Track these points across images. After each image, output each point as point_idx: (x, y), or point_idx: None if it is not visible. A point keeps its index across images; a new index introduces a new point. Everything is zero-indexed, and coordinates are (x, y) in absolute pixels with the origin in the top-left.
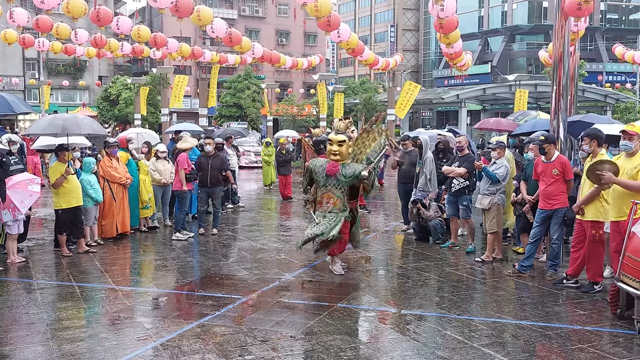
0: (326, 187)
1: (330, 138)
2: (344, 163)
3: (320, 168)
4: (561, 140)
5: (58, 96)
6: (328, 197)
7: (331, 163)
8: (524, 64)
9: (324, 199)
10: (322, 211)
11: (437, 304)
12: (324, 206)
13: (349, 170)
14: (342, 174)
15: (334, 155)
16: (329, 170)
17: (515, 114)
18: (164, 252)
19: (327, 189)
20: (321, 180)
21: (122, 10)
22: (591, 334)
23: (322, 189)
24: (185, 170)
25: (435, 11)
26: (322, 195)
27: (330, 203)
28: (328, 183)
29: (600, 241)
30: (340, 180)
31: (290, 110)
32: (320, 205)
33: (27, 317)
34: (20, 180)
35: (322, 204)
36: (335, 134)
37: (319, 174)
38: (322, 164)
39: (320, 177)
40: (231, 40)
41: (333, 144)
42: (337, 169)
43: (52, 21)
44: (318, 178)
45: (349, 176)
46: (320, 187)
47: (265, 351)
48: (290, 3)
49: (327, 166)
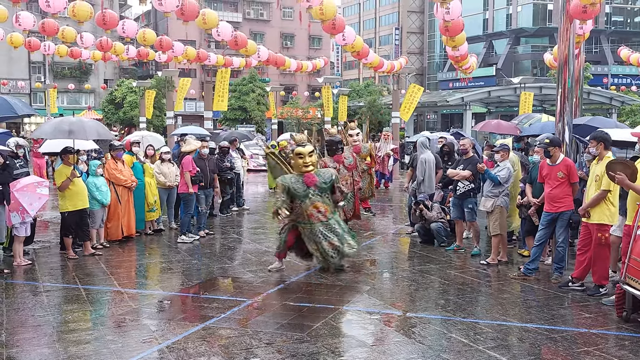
0: (310, 199)
1: (301, 152)
2: (316, 172)
3: (298, 183)
4: (566, 143)
5: (63, 99)
6: (316, 206)
7: (308, 175)
8: (529, 66)
9: (313, 210)
10: (321, 222)
11: (443, 306)
12: (316, 217)
13: (326, 176)
14: (322, 182)
15: (306, 167)
16: (309, 182)
17: (520, 117)
18: (169, 254)
19: (311, 199)
20: (302, 195)
21: (128, 14)
22: (597, 337)
23: (306, 202)
24: (191, 172)
25: (441, 14)
26: (309, 207)
27: (323, 210)
28: (310, 193)
29: (606, 244)
30: (322, 187)
31: (295, 113)
32: (312, 218)
33: (33, 319)
34: (28, 183)
35: (314, 216)
36: (303, 147)
37: (298, 189)
38: (296, 179)
39: (301, 191)
40: (236, 44)
41: (304, 156)
42: (316, 179)
43: (58, 25)
44: (298, 193)
45: (328, 180)
46: (304, 201)
47: (271, 354)
48: (295, 6)
49: (303, 179)
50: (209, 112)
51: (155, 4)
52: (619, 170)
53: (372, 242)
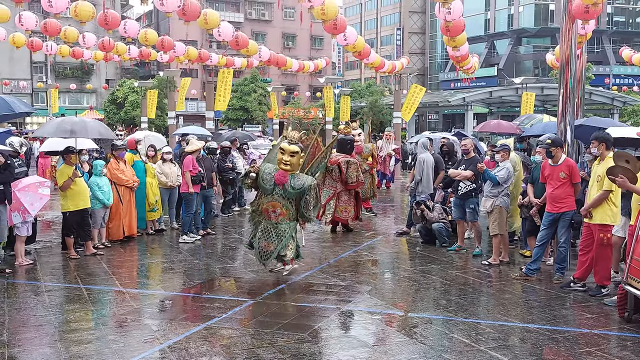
0: (272, 196)
1: (283, 147)
2: (293, 174)
3: (269, 175)
4: (568, 143)
5: (65, 99)
6: (274, 205)
7: (280, 172)
8: (531, 66)
9: (269, 207)
10: (271, 222)
11: (444, 307)
12: (271, 215)
13: (298, 182)
14: (290, 185)
15: (284, 165)
16: (278, 180)
17: (521, 117)
18: (170, 254)
19: (274, 197)
20: (268, 188)
21: (130, 14)
22: (599, 337)
23: (267, 197)
24: (191, 172)
25: (442, 14)
26: (267, 203)
27: (278, 213)
28: (275, 192)
29: (608, 245)
30: (288, 190)
31: (297, 113)
32: (266, 214)
33: (35, 319)
34: (30, 182)
35: (269, 213)
36: (289, 144)
37: (266, 181)
38: (270, 171)
39: (268, 184)
40: (238, 44)
41: (285, 154)
42: (286, 179)
43: (60, 25)
44: (264, 185)
45: (297, 188)
46: (267, 195)
47: (272, 354)
48: (297, 6)
49: (275, 175)
50: (210, 112)
51: (157, 4)
52: (620, 173)
53: (374, 242)
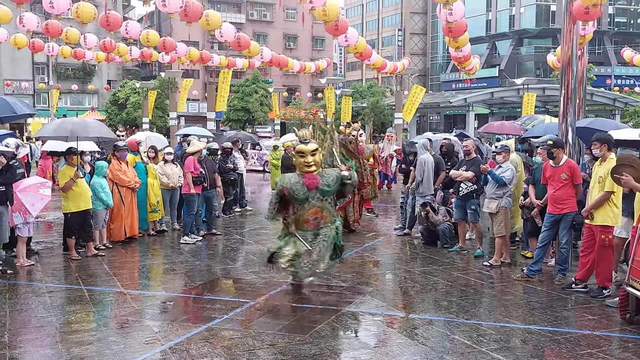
0: (310, 203)
1: (302, 150)
2: (320, 172)
3: (298, 184)
4: (570, 144)
5: (67, 100)
6: (314, 212)
7: (309, 176)
8: (532, 67)
9: (309, 215)
10: (312, 230)
11: (446, 308)
12: (312, 223)
13: (330, 177)
14: (324, 184)
15: (308, 167)
16: (310, 185)
17: (522, 118)
18: (172, 255)
19: (311, 204)
20: (302, 198)
21: (131, 15)
22: (600, 339)
23: (305, 207)
24: (193, 173)
25: (444, 15)
26: (306, 212)
27: (319, 218)
28: (311, 198)
29: (609, 246)
30: (325, 190)
31: (298, 114)
32: (307, 224)
33: (36, 320)
34: (31, 183)
35: (310, 222)
36: (306, 144)
37: (298, 191)
38: (297, 180)
39: (301, 194)
40: (239, 45)
41: (306, 155)
42: (317, 181)
43: (62, 26)
44: (297, 196)
45: (333, 184)
46: (303, 205)
47: (273, 355)
48: (298, 7)
49: (304, 181)
50: (211, 113)
51: (159, 5)
52: (625, 172)
53: (375, 243)
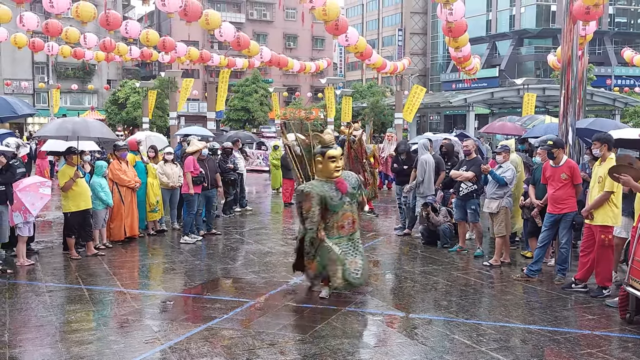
0: (343, 208)
1: (333, 155)
2: (343, 176)
3: (332, 191)
4: (570, 144)
5: (67, 100)
6: (347, 217)
7: (339, 180)
8: (532, 67)
9: (344, 221)
10: (346, 236)
11: (445, 308)
12: (347, 229)
13: (353, 180)
14: (351, 187)
15: (337, 172)
16: (342, 188)
17: (523, 118)
18: (172, 255)
19: (344, 209)
20: (338, 203)
21: (131, 15)
22: (600, 339)
23: (339, 212)
24: (192, 173)
25: (444, 15)
26: (340, 218)
27: (352, 222)
28: (343, 202)
29: (609, 246)
30: (352, 193)
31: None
32: (342, 230)
33: (36, 319)
34: (31, 182)
35: (344, 228)
36: (335, 149)
37: (334, 197)
38: (329, 186)
39: (337, 200)
40: (239, 44)
41: (337, 160)
42: (346, 184)
43: (62, 25)
44: (334, 202)
45: (357, 185)
46: (337, 210)
47: (273, 354)
48: (298, 7)
49: (338, 185)
50: (212, 113)
51: (159, 4)
52: (623, 172)
53: (375, 243)
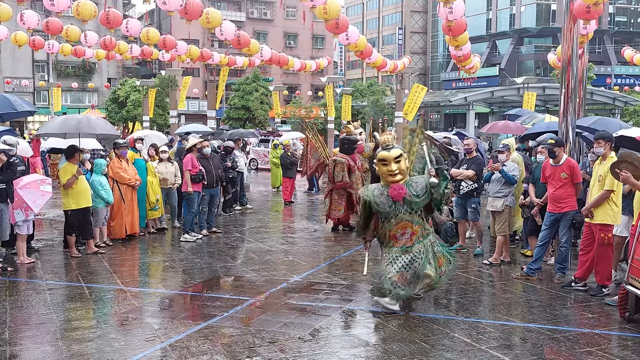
0: (397, 217)
1: (384, 157)
2: (407, 181)
3: (382, 196)
4: (570, 143)
5: (67, 98)
6: (403, 227)
7: (394, 186)
8: (532, 66)
9: (397, 231)
10: (400, 247)
11: (445, 306)
12: (400, 240)
13: (419, 186)
14: (412, 194)
15: (392, 177)
16: (395, 196)
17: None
18: (172, 253)
19: (399, 217)
20: (387, 211)
21: (131, 13)
22: (599, 337)
23: (392, 221)
24: (191, 171)
25: (444, 14)
26: (393, 227)
27: (408, 234)
28: (397, 211)
29: (609, 244)
30: (414, 202)
31: (298, 112)
32: (394, 240)
33: (36, 317)
34: (31, 180)
35: (397, 238)
36: (388, 150)
37: (382, 203)
38: (381, 191)
39: (386, 207)
40: (239, 43)
41: (389, 163)
42: (404, 191)
43: (62, 23)
44: (382, 209)
45: (422, 194)
46: (389, 218)
47: (273, 352)
48: (299, 5)
49: (389, 191)
50: (212, 112)
51: (159, 3)
52: (625, 168)
53: (375, 242)
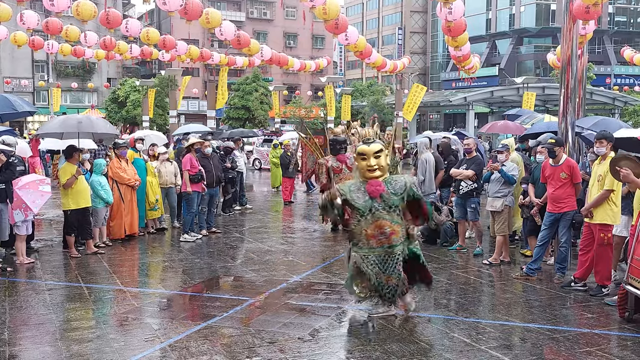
0: (373, 214)
1: (364, 151)
2: (386, 178)
3: (358, 191)
4: (569, 143)
5: (67, 98)
6: (380, 225)
7: (372, 182)
8: (532, 66)
9: (375, 230)
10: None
11: (445, 306)
12: (378, 239)
13: (398, 184)
14: (391, 192)
15: (371, 172)
16: (372, 192)
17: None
18: (171, 253)
19: (375, 215)
20: (363, 207)
21: (131, 13)
22: (599, 337)
23: (367, 218)
24: (190, 171)
25: (444, 14)
26: (370, 225)
27: (389, 232)
28: (374, 208)
29: (608, 244)
30: (392, 199)
31: (298, 112)
32: (372, 239)
33: (35, 317)
34: (30, 180)
35: (375, 237)
36: (368, 145)
37: (358, 199)
38: (358, 186)
39: (361, 202)
40: (239, 43)
41: (368, 157)
42: (382, 187)
43: (62, 23)
44: (357, 204)
45: (401, 191)
46: (364, 215)
47: (273, 353)
48: (299, 5)
49: (366, 187)
50: (211, 111)
51: (159, 3)
52: (624, 165)
53: None
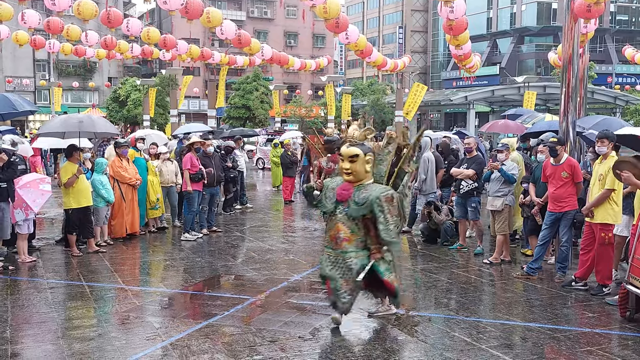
0: (335, 216)
1: (342, 152)
2: (359, 185)
3: (332, 191)
4: (570, 142)
5: (68, 97)
6: (338, 229)
7: (344, 185)
8: (533, 65)
9: (336, 231)
10: (338, 250)
11: (445, 305)
12: (336, 242)
13: (362, 195)
14: (353, 200)
15: (346, 175)
16: (339, 194)
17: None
18: (172, 252)
19: (337, 218)
20: (329, 207)
21: (132, 12)
22: (600, 337)
23: (332, 219)
24: (190, 170)
25: (445, 13)
26: (332, 226)
27: (342, 238)
28: (337, 210)
29: (609, 244)
30: (351, 207)
31: (299, 111)
32: (333, 241)
33: (37, 316)
34: (31, 179)
35: (335, 240)
36: (348, 147)
37: (328, 197)
38: (337, 184)
39: (329, 202)
40: (240, 42)
41: (344, 160)
42: (349, 193)
43: (63, 23)
44: (326, 203)
45: (361, 203)
46: (329, 214)
47: (274, 351)
48: (299, 4)
49: (337, 188)
50: (212, 111)
51: (160, 2)
52: (626, 169)
53: None
